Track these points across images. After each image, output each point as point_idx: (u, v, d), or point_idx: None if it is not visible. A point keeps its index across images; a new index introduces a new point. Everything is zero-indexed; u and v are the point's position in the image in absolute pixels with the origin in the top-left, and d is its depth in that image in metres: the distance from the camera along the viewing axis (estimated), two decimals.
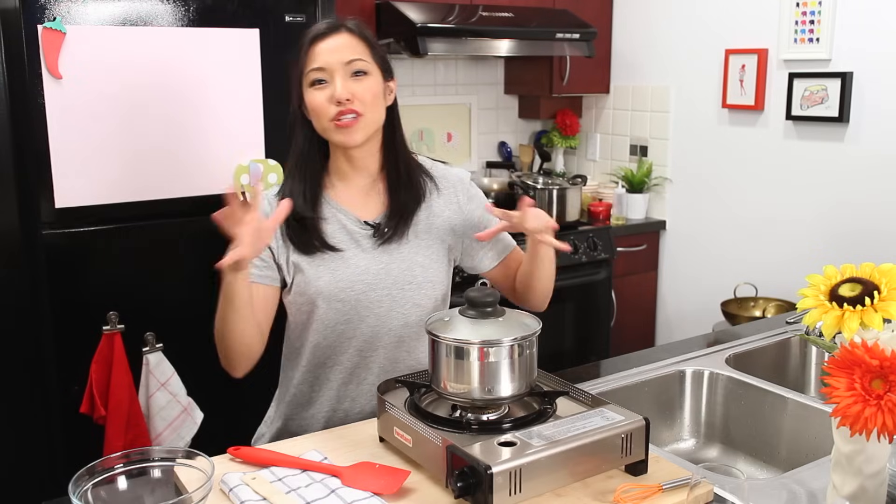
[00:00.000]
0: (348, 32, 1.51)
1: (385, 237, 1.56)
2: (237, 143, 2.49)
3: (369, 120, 1.51)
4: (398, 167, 1.60)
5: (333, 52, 1.48)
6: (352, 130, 1.49)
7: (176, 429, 2.38)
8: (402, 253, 1.57)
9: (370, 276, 1.55)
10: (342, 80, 1.48)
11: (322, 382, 1.61)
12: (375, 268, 1.55)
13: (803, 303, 1.12)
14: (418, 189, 1.61)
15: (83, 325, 2.30)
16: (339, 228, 1.56)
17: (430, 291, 1.60)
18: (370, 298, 1.55)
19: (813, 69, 3.10)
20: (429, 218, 1.61)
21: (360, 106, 1.49)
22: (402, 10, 3.09)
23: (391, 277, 1.56)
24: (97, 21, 2.24)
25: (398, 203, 1.58)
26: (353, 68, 1.49)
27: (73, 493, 1.12)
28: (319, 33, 1.50)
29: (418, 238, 1.59)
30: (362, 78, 1.50)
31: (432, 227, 1.61)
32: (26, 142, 2.20)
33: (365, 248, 1.56)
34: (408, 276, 1.57)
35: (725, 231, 3.53)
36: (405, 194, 1.59)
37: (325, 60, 1.48)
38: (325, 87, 1.49)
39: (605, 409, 1.30)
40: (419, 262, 1.58)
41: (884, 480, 1.13)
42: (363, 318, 1.56)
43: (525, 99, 4.04)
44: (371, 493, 1.21)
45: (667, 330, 3.84)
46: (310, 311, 1.56)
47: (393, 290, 1.56)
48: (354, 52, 1.49)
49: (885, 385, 0.99)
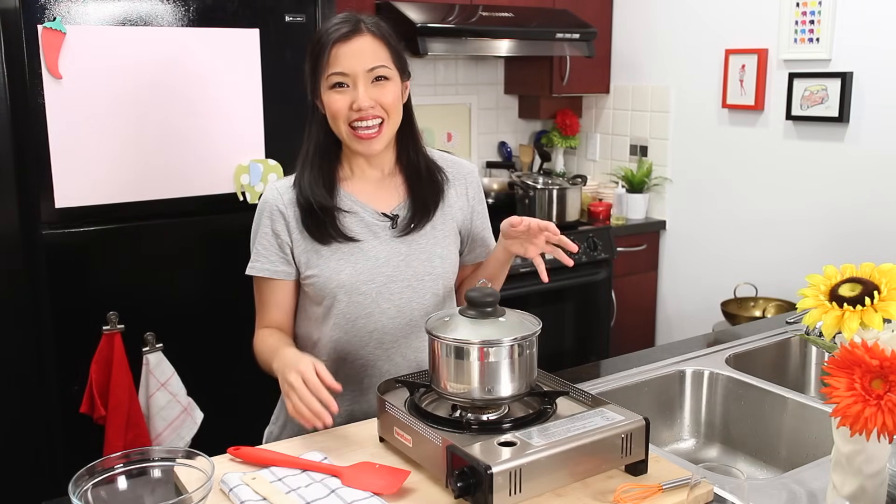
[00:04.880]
0: (371, 35, 1.48)
1: (406, 230, 1.57)
2: (237, 143, 2.49)
3: (391, 126, 1.52)
4: (418, 162, 1.60)
5: (356, 57, 1.46)
6: (373, 142, 1.50)
7: (176, 429, 2.38)
8: (420, 244, 1.58)
9: (390, 268, 1.55)
10: (364, 86, 1.47)
11: (342, 378, 1.61)
12: (396, 259, 1.56)
13: (803, 303, 1.12)
14: (439, 184, 1.62)
15: (83, 325, 2.30)
16: (356, 220, 1.56)
17: (446, 282, 1.61)
18: (391, 290, 1.56)
19: (813, 69, 3.10)
20: (444, 209, 1.62)
21: (382, 112, 1.49)
22: (402, 9, 3.09)
23: (411, 269, 1.56)
24: (97, 21, 2.24)
25: (419, 197, 1.59)
26: (374, 74, 1.48)
27: (73, 493, 1.12)
28: (342, 35, 1.47)
29: (435, 229, 1.60)
30: (383, 84, 1.49)
31: (447, 219, 1.62)
32: (26, 142, 2.21)
33: (383, 239, 1.56)
34: (427, 268, 1.58)
35: (725, 231, 3.52)
36: (426, 189, 1.60)
37: (348, 66, 1.46)
38: (345, 91, 1.48)
39: (605, 409, 1.30)
40: (438, 252, 1.59)
41: (884, 480, 1.13)
42: (384, 311, 1.56)
43: (525, 99, 4.04)
44: (371, 493, 1.21)
45: (667, 330, 3.84)
46: (329, 306, 1.55)
47: (413, 281, 1.57)
48: (377, 59, 1.48)
49: (885, 385, 0.99)
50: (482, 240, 1.70)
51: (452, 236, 1.63)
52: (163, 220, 2.42)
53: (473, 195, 1.68)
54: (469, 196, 1.67)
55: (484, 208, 1.70)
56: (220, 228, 2.50)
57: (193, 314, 2.50)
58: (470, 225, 1.67)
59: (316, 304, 1.58)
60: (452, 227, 1.63)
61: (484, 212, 1.70)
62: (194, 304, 2.50)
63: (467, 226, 1.67)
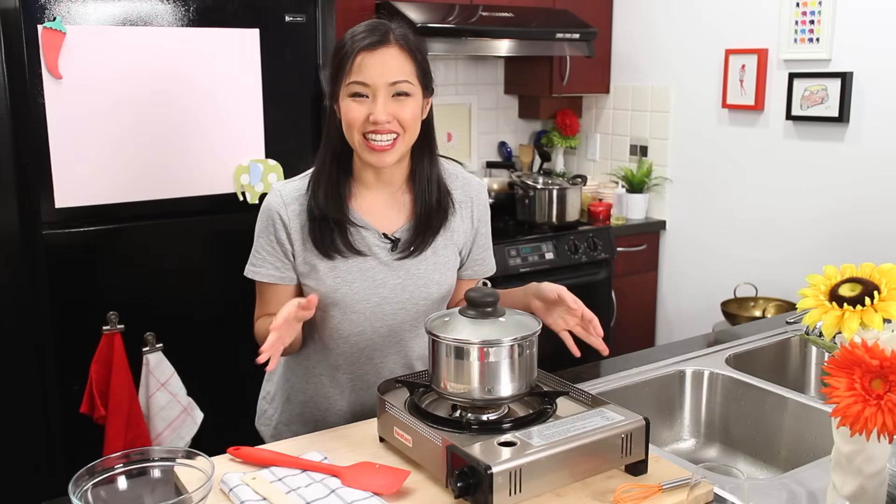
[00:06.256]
0: (398, 47, 1.44)
1: (405, 254, 1.55)
2: (237, 143, 2.49)
3: (406, 142, 1.48)
4: (430, 182, 1.56)
5: (379, 69, 1.42)
6: (384, 155, 1.46)
7: (176, 429, 2.37)
8: (419, 270, 1.56)
9: (387, 290, 1.54)
10: (383, 99, 1.43)
11: (337, 376, 1.62)
12: (393, 282, 1.55)
13: (803, 303, 1.12)
14: (446, 210, 1.58)
15: (83, 325, 2.30)
16: (358, 240, 1.53)
17: (441, 304, 1.62)
18: (385, 311, 1.55)
19: (813, 69, 3.10)
20: (445, 234, 1.59)
21: (398, 127, 1.45)
22: (402, 9, 3.09)
23: (407, 293, 1.56)
24: (97, 21, 2.24)
25: (423, 221, 1.55)
26: (396, 89, 1.44)
27: (73, 493, 1.12)
28: (368, 44, 1.42)
29: (436, 255, 1.58)
30: (403, 100, 1.45)
31: (448, 244, 1.60)
32: (26, 142, 2.21)
33: (383, 260, 1.54)
34: (423, 293, 1.57)
35: (725, 231, 3.52)
36: (433, 214, 1.56)
37: (370, 77, 1.42)
38: (363, 101, 1.44)
39: (605, 409, 1.30)
40: (436, 279, 1.58)
41: (884, 480, 1.13)
42: (376, 329, 1.57)
43: (525, 99, 4.04)
44: (371, 493, 1.21)
45: (667, 330, 3.84)
46: (322, 319, 1.56)
47: (408, 304, 1.56)
48: (401, 73, 1.44)
49: (885, 385, 0.99)
50: (481, 261, 1.68)
51: (452, 260, 1.61)
52: (163, 220, 2.42)
53: (479, 217, 1.65)
54: (475, 218, 1.64)
55: (488, 230, 1.68)
56: (220, 228, 2.50)
57: (193, 314, 2.49)
58: (471, 245, 1.65)
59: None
60: (453, 252, 1.61)
61: (487, 233, 1.68)
62: (194, 303, 2.50)
63: (468, 246, 1.65)
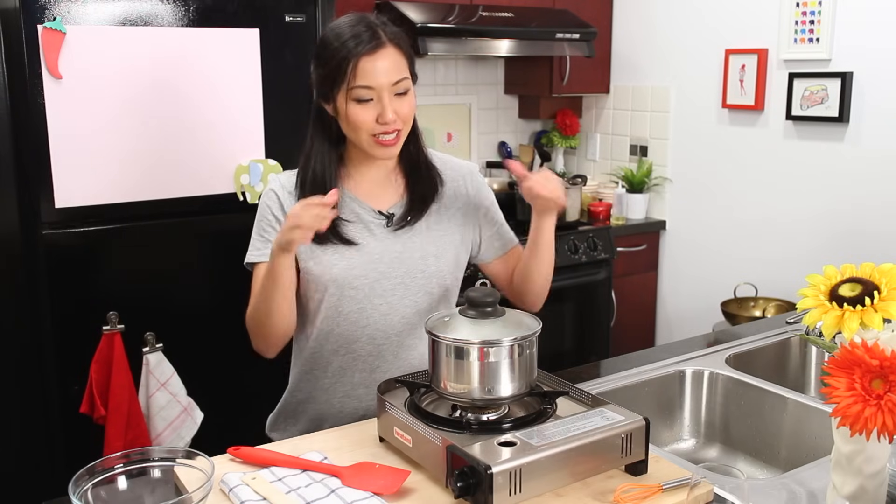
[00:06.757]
0: (393, 47, 1.49)
1: (400, 225, 1.59)
2: (237, 143, 2.49)
3: (406, 131, 1.55)
4: (418, 160, 1.63)
5: (381, 72, 1.47)
6: (391, 149, 1.53)
7: (176, 429, 2.37)
8: (414, 243, 1.60)
9: (384, 265, 1.57)
10: (389, 100, 1.48)
11: (334, 370, 1.62)
12: (389, 256, 1.58)
13: (803, 303, 1.12)
14: (435, 181, 1.64)
15: (83, 325, 2.30)
16: (353, 218, 1.58)
17: (440, 280, 1.63)
18: (383, 287, 1.57)
19: (813, 69, 3.10)
20: (439, 210, 1.64)
21: (402, 124, 1.52)
22: (402, 9, 3.09)
23: (404, 266, 1.58)
24: (97, 21, 2.24)
25: (416, 193, 1.62)
26: (398, 88, 1.50)
27: (73, 493, 1.12)
28: (367, 49, 1.46)
29: (430, 229, 1.62)
30: (404, 96, 1.51)
31: (442, 219, 1.64)
32: (26, 142, 2.21)
33: (378, 236, 1.58)
34: (420, 266, 1.59)
35: (725, 231, 3.52)
36: (424, 186, 1.63)
37: (375, 81, 1.47)
38: (369, 105, 1.48)
39: (605, 409, 1.30)
40: (431, 251, 1.61)
41: (884, 480, 1.13)
42: (376, 307, 1.58)
43: (525, 99, 4.04)
44: (371, 493, 1.21)
45: (667, 330, 3.84)
46: (321, 299, 1.57)
47: (406, 278, 1.59)
48: (400, 72, 1.49)
49: (885, 385, 0.99)
50: (499, 234, 1.71)
51: (449, 236, 1.64)
52: (163, 220, 2.42)
53: (475, 192, 1.69)
54: (470, 194, 1.68)
55: (492, 202, 1.72)
56: (220, 228, 2.50)
57: (193, 314, 2.50)
58: (481, 221, 1.69)
59: (309, 299, 1.59)
60: (449, 228, 1.64)
61: (493, 205, 1.72)
62: (194, 303, 2.50)
63: (477, 222, 1.69)
